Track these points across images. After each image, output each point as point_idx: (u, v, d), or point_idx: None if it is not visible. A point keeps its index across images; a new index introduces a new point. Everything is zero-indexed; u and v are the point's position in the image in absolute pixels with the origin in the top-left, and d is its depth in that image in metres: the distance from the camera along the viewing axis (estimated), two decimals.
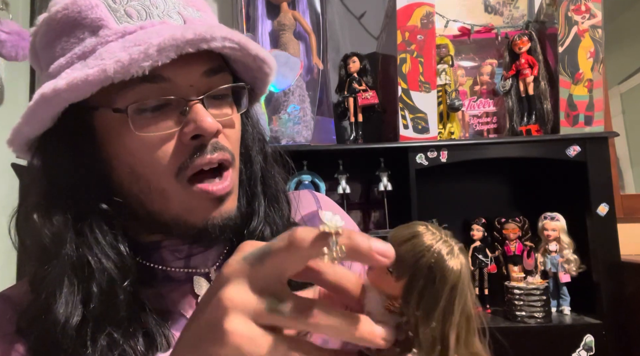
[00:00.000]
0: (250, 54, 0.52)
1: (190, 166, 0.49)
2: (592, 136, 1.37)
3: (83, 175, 0.50)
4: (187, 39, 0.45)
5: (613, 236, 1.34)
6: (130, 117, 0.47)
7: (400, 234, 0.31)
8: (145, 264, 0.54)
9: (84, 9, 0.49)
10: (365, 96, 1.49)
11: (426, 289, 0.29)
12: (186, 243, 0.55)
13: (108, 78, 0.45)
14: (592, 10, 1.39)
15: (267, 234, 0.56)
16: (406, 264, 0.29)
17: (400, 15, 1.41)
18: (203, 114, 0.48)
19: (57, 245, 0.47)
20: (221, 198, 0.50)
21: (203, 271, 0.56)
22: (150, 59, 0.45)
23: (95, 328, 0.46)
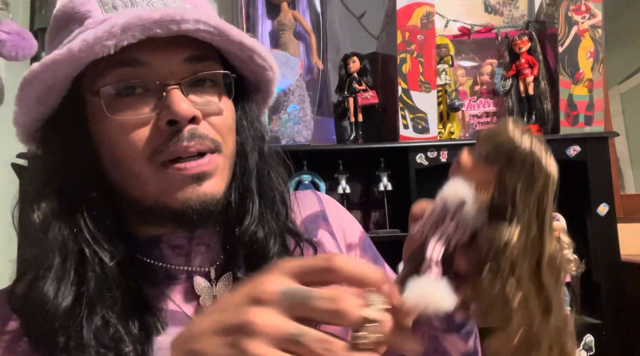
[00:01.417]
0: (234, 42, 0.51)
1: (165, 151, 0.49)
2: (592, 136, 1.37)
3: (75, 163, 0.50)
4: (154, 19, 0.45)
5: (613, 236, 1.34)
6: (103, 100, 0.48)
7: (497, 128, 0.33)
8: (146, 261, 0.54)
9: (77, 4, 0.50)
10: (365, 96, 1.49)
11: (522, 173, 0.32)
12: (185, 237, 0.55)
13: (73, 57, 0.45)
14: (592, 10, 1.39)
15: (260, 236, 0.55)
16: (505, 150, 0.31)
17: (400, 15, 1.41)
18: (178, 99, 0.48)
19: (46, 228, 0.48)
20: (198, 177, 0.50)
21: (203, 271, 0.56)
22: (115, 38, 0.45)
23: (90, 309, 0.46)
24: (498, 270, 0.32)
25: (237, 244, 0.55)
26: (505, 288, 0.32)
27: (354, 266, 0.33)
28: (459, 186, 0.33)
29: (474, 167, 0.33)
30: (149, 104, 0.49)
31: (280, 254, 0.55)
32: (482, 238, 0.33)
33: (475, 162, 0.33)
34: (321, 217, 0.66)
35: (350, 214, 0.71)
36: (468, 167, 0.34)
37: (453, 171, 0.34)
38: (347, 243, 0.65)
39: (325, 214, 0.66)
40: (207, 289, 0.55)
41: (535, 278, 0.32)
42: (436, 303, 0.31)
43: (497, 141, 0.33)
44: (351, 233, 0.67)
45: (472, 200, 0.33)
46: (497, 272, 0.32)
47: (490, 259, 0.32)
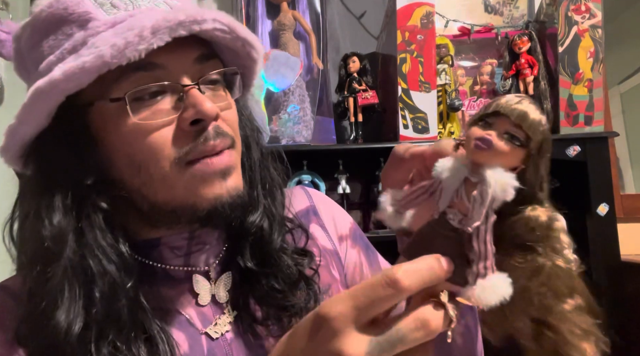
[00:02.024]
0: (240, 38, 0.52)
1: (194, 152, 0.48)
2: (592, 136, 1.37)
3: (81, 174, 0.49)
4: (180, 20, 0.45)
5: (613, 236, 1.34)
6: (129, 105, 0.47)
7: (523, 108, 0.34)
8: (145, 262, 0.54)
9: (69, 5, 0.48)
10: (365, 96, 1.49)
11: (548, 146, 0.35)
12: (186, 238, 0.55)
13: (105, 64, 0.44)
14: (592, 10, 1.39)
15: (266, 226, 0.56)
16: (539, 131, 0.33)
17: (400, 15, 1.41)
18: (201, 98, 0.48)
19: (58, 248, 0.46)
20: (223, 173, 0.50)
21: (202, 270, 0.56)
22: (146, 42, 0.44)
23: (98, 334, 0.45)
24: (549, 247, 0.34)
25: (244, 236, 0.55)
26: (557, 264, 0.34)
27: (419, 277, 0.32)
28: (504, 176, 0.32)
29: (512, 153, 0.33)
30: (169, 105, 0.49)
31: (281, 244, 0.56)
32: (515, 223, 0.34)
33: (512, 148, 0.33)
34: (312, 212, 0.66)
35: (340, 207, 0.72)
36: (507, 154, 0.33)
37: (486, 157, 0.33)
38: (338, 235, 0.66)
39: (315, 209, 0.67)
40: (206, 288, 0.55)
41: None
42: (501, 296, 0.32)
43: (532, 126, 0.33)
44: (342, 224, 0.67)
45: (515, 190, 0.32)
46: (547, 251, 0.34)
47: (538, 239, 0.34)
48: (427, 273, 0.32)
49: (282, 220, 0.59)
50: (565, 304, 0.35)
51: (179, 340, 0.52)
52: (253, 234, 0.55)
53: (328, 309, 0.33)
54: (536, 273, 0.34)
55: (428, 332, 0.32)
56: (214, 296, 0.55)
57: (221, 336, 0.54)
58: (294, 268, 0.56)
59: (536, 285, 0.34)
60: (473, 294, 0.32)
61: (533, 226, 0.35)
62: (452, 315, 0.32)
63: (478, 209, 0.33)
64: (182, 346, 0.51)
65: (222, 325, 0.54)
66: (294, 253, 0.58)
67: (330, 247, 0.64)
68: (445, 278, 0.33)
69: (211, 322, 0.54)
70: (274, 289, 0.54)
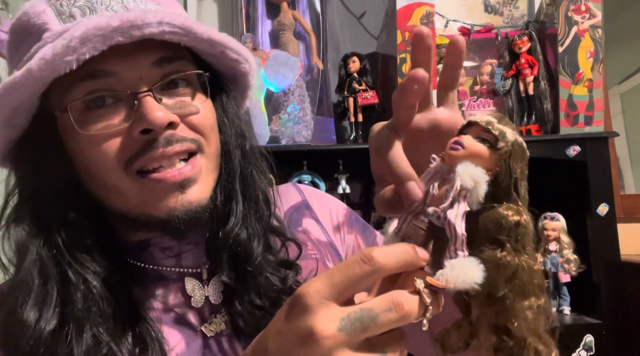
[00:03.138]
0: (202, 39, 0.49)
1: (140, 160, 0.47)
2: (592, 136, 1.37)
3: (51, 181, 0.49)
4: (113, 26, 0.43)
5: (613, 236, 1.34)
6: (72, 116, 0.46)
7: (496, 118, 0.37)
8: (136, 264, 0.54)
9: (31, 17, 0.48)
10: (365, 96, 1.49)
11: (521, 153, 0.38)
12: (175, 239, 0.54)
13: (33, 77, 0.43)
14: (592, 10, 1.39)
15: (243, 238, 0.53)
16: (506, 135, 0.36)
17: (400, 15, 1.41)
18: (151, 107, 0.46)
19: (27, 253, 0.46)
20: (181, 185, 0.48)
21: (194, 271, 0.55)
22: (75, 53, 0.42)
23: (78, 328, 0.45)
24: (517, 246, 0.36)
25: (221, 247, 0.53)
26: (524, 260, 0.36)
27: (393, 257, 0.32)
28: (472, 168, 0.35)
29: (483, 153, 0.36)
30: (121, 114, 0.48)
31: (263, 255, 0.54)
32: (486, 218, 0.36)
33: (483, 149, 0.36)
34: (304, 206, 0.66)
35: (333, 197, 0.71)
36: (478, 153, 0.36)
37: (459, 157, 0.35)
38: (334, 225, 0.65)
39: (307, 203, 0.66)
40: (199, 290, 0.54)
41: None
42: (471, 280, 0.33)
43: (498, 129, 0.36)
44: (337, 213, 0.67)
45: (485, 183, 0.35)
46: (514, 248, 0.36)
47: (505, 236, 0.36)
48: (401, 255, 0.33)
49: (265, 231, 0.56)
50: (527, 301, 0.36)
51: (175, 338, 0.51)
52: (230, 245, 0.53)
53: (304, 288, 0.33)
54: (503, 268, 0.35)
55: (401, 315, 0.31)
56: (207, 297, 0.55)
57: (217, 334, 0.54)
58: (277, 284, 0.53)
59: (502, 281, 0.35)
60: (442, 273, 0.33)
61: (502, 223, 0.36)
62: (428, 301, 0.32)
63: (448, 196, 0.35)
64: (179, 345, 0.51)
65: (217, 323, 0.54)
66: (280, 265, 0.55)
67: (325, 240, 0.64)
68: (419, 264, 0.34)
69: (206, 321, 0.54)
70: (254, 306, 0.52)
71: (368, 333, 0.31)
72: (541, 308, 0.37)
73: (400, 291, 0.32)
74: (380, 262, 0.32)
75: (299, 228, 0.62)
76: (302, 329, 0.31)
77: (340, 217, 0.67)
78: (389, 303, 0.31)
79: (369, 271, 0.32)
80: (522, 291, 0.36)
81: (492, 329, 0.37)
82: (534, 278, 0.36)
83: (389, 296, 0.32)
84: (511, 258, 0.35)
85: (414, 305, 0.32)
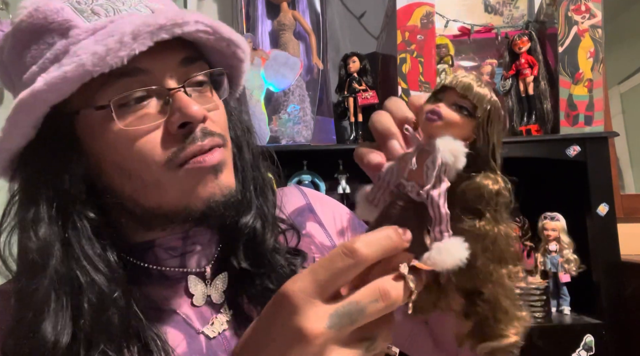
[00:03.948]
0: (224, 38, 0.52)
1: (182, 154, 0.48)
2: (592, 136, 1.37)
3: (68, 184, 0.48)
4: (160, 23, 0.45)
5: (613, 236, 1.34)
6: (114, 112, 0.47)
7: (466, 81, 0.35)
8: (140, 264, 0.54)
9: (49, 14, 0.48)
10: (365, 96, 1.49)
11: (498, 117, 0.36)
12: (180, 239, 0.54)
13: (87, 72, 0.44)
14: (592, 10, 1.39)
15: (259, 227, 0.55)
16: (485, 101, 0.35)
17: (400, 15, 1.41)
18: (188, 101, 0.48)
19: (44, 259, 0.46)
20: (215, 169, 0.49)
21: (197, 271, 0.56)
22: (127, 48, 0.44)
23: (87, 344, 0.45)
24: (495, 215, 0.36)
25: (238, 237, 0.55)
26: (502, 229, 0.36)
27: (376, 246, 0.32)
28: (453, 143, 0.34)
29: (461, 122, 0.34)
30: (155, 110, 0.49)
31: (274, 244, 0.56)
32: (466, 189, 0.35)
33: (461, 118, 0.34)
34: (307, 210, 0.66)
35: (336, 201, 0.72)
36: (457, 123, 0.34)
37: (437, 128, 0.34)
38: (338, 229, 0.66)
39: (311, 207, 0.67)
40: (201, 289, 0.55)
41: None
42: (457, 259, 0.33)
43: (477, 95, 0.34)
44: (340, 218, 0.67)
45: (464, 156, 0.34)
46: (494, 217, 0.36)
47: (484, 206, 0.35)
48: (384, 241, 0.33)
49: (274, 220, 0.59)
50: (505, 269, 0.36)
51: (177, 339, 0.52)
52: (246, 234, 0.55)
53: (289, 286, 0.33)
54: (482, 238, 0.35)
55: (388, 303, 0.32)
56: (209, 297, 0.55)
57: (219, 335, 0.54)
58: (287, 268, 0.55)
59: (481, 250, 0.35)
60: (429, 257, 0.33)
61: (482, 193, 0.35)
62: (412, 286, 0.33)
63: (430, 174, 0.34)
64: (181, 346, 0.51)
65: (218, 324, 0.54)
66: (287, 253, 0.57)
67: (329, 244, 0.64)
68: (403, 247, 0.33)
69: (208, 322, 0.54)
70: (267, 290, 0.54)
71: (357, 325, 0.32)
72: (518, 275, 0.37)
73: (384, 279, 0.32)
74: (364, 253, 0.32)
75: (302, 231, 0.63)
76: (292, 330, 0.32)
77: (344, 221, 0.67)
78: (375, 293, 0.32)
79: (352, 264, 0.32)
80: (500, 258, 0.36)
81: (463, 294, 0.37)
82: (511, 246, 0.36)
83: (375, 285, 0.32)
84: (490, 227, 0.35)
85: (400, 291, 0.32)
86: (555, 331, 1.31)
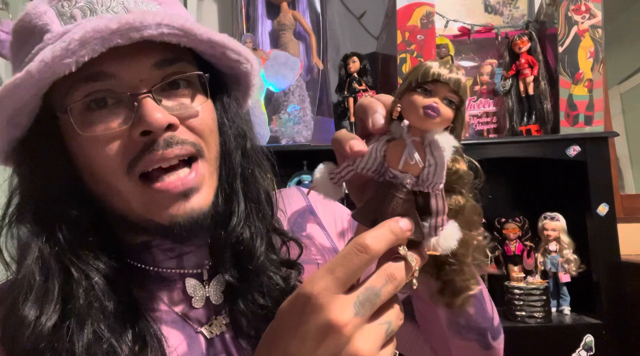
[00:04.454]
0: (202, 40, 0.49)
1: (140, 163, 0.47)
2: (592, 136, 1.37)
3: (53, 181, 0.49)
4: (112, 29, 0.43)
5: (613, 236, 1.34)
6: (72, 117, 0.46)
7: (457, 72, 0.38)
8: (137, 265, 0.54)
9: (33, 18, 0.48)
10: (365, 96, 1.49)
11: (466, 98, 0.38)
12: (176, 241, 0.54)
13: (33, 79, 0.43)
14: (592, 10, 1.39)
15: (246, 237, 0.53)
16: (466, 93, 0.38)
17: (400, 15, 1.41)
18: (150, 108, 0.46)
19: (26, 250, 0.47)
20: (184, 194, 0.48)
21: (195, 272, 0.55)
22: (74, 55, 0.43)
23: (79, 323, 0.45)
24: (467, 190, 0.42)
25: (224, 247, 0.53)
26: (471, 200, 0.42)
27: (384, 240, 0.36)
28: (449, 139, 0.37)
29: (451, 114, 0.37)
30: (121, 116, 0.48)
31: (266, 254, 0.54)
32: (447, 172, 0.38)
33: (450, 110, 0.37)
34: (308, 211, 0.66)
35: (337, 202, 0.70)
36: (450, 119, 0.37)
37: (436, 124, 0.36)
38: (338, 231, 0.66)
39: (312, 209, 0.66)
40: (200, 290, 0.55)
41: None
42: (455, 241, 0.38)
43: (464, 90, 0.37)
44: (341, 219, 0.67)
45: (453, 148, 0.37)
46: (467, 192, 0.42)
47: (461, 184, 0.41)
48: (391, 235, 0.36)
49: (268, 230, 0.56)
50: (475, 233, 0.43)
51: (177, 339, 0.51)
52: (233, 244, 0.53)
53: (310, 287, 0.35)
54: (460, 211, 0.41)
55: (396, 284, 0.36)
56: (208, 298, 0.55)
57: (218, 335, 0.54)
58: (280, 283, 0.53)
59: (461, 223, 0.40)
60: (437, 243, 0.38)
61: (461, 175, 0.41)
62: (413, 264, 0.37)
63: (439, 172, 0.37)
64: (181, 346, 0.51)
65: (217, 325, 0.54)
66: (283, 264, 0.55)
67: (329, 245, 0.64)
68: (405, 237, 0.37)
69: (207, 322, 0.54)
70: (257, 305, 0.52)
71: (375, 309, 0.35)
72: (481, 236, 0.44)
73: (389, 264, 0.36)
74: (375, 248, 0.35)
75: (303, 232, 0.62)
76: (321, 326, 0.34)
77: (345, 223, 0.67)
78: (385, 277, 0.36)
79: (367, 259, 0.35)
80: (470, 225, 0.42)
81: (433, 259, 0.41)
82: (476, 214, 0.43)
83: (383, 270, 0.36)
84: (464, 201, 0.42)
85: (403, 271, 0.36)
86: (555, 331, 1.31)
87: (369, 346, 0.34)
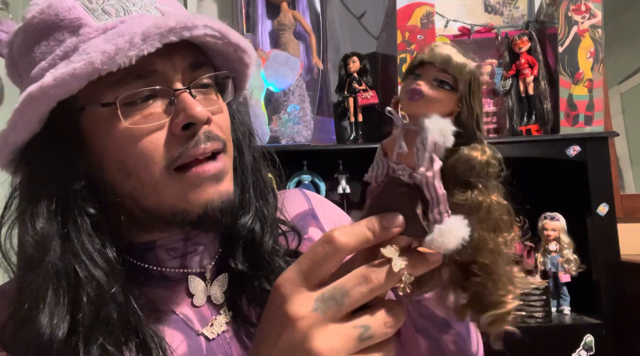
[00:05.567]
0: (232, 44, 0.52)
1: (184, 156, 0.48)
2: (592, 136, 1.37)
3: (69, 179, 0.49)
4: (170, 26, 0.46)
5: (613, 236, 1.34)
6: (119, 109, 0.47)
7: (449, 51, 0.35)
8: (140, 265, 0.54)
9: (61, 11, 0.49)
10: (365, 96, 1.49)
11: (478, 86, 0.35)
12: (181, 240, 0.54)
13: (95, 70, 0.44)
14: (592, 10, 1.39)
15: (257, 229, 0.56)
16: (464, 72, 0.34)
17: (400, 15, 1.41)
18: (192, 102, 0.48)
19: (41, 254, 0.46)
20: (216, 177, 0.50)
21: (198, 271, 0.56)
22: (136, 48, 0.45)
23: (86, 338, 0.45)
24: (487, 185, 0.36)
25: (236, 238, 0.56)
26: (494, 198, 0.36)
27: (353, 235, 0.34)
28: (441, 122, 0.33)
29: (444, 98, 0.34)
30: (159, 110, 0.49)
31: (273, 245, 0.57)
32: (455, 162, 0.35)
33: (443, 93, 0.34)
34: (310, 215, 0.66)
35: (339, 208, 0.72)
36: (439, 100, 0.34)
37: (420, 107, 0.34)
38: None
39: (314, 213, 0.67)
40: (202, 289, 0.55)
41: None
42: (460, 238, 0.33)
43: (457, 68, 0.34)
44: (341, 224, 0.67)
45: (453, 133, 0.33)
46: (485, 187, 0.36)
47: (477, 177, 0.35)
48: (364, 230, 0.34)
49: (274, 222, 0.59)
50: (501, 237, 0.36)
51: (177, 340, 0.52)
52: (244, 236, 0.56)
53: (279, 278, 0.35)
54: (476, 209, 0.35)
55: (371, 287, 0.33)
56: (209, 297, 0.55)
57: (218, 336, 0.54)
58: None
59: (476, 222, 0.35)
60: (432, 240, 0.33)
61: (473, 165, 0.35)
62: (396, 268, 0.33)
63: (422, 156, 0.33)
64: (181, 347, 0.51)
65: (218, 325, 0.54)
66: (286, 254, 0.58)
67: None
68: (386, 237, 0.34)
69: (207, 323, 0.54)
70: (265, 291, 0.54)
71: (345, 309, 0.33)
72: (513, 241, 0.38)
73: (368, 265, 0.34)
74: (341, 241, 0.33)
75: (304, 235, 0.63)
76: (281, 317, 0.34)
77: None
78: (359, 278, 0.33)
79: (331, 251, 0.34)
80: (495, 227, 0.36)
81: (458, 266, 0.37)
82: (504, 214, 0.36)
83: (358, 271, 0.34)
84: (482, 197, 0.35)
85: (381, 275, 0.33)
86: (555, 331, 1.31)
87: (328, 346, 0.32)
